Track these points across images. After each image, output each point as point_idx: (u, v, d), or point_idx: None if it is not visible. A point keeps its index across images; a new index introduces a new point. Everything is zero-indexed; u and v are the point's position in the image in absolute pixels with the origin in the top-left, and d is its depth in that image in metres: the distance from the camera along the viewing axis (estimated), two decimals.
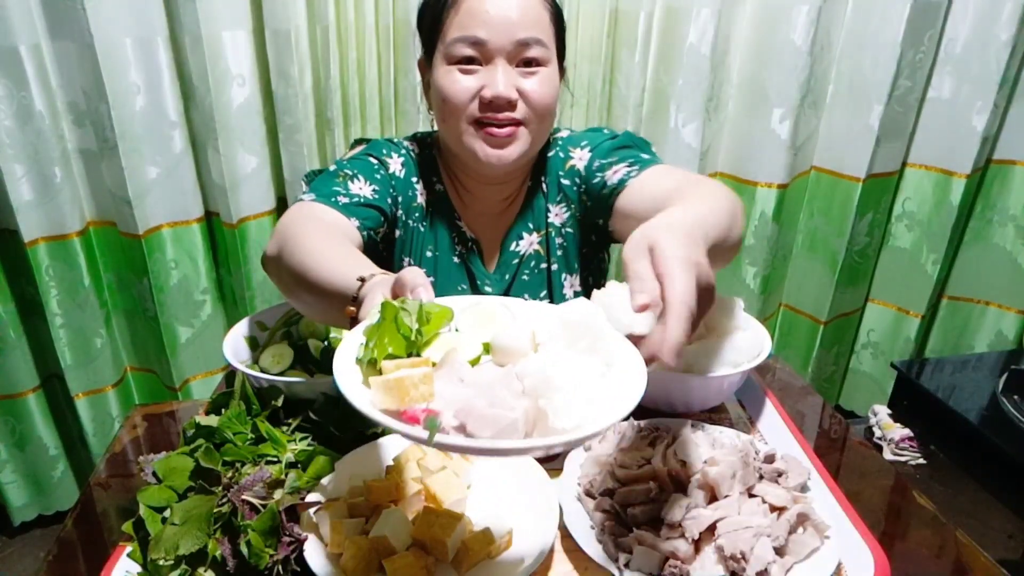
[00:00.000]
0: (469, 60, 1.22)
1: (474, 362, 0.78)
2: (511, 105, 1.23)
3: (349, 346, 0.78)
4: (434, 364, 0.76)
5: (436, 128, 1.38)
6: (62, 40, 1.92)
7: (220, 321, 2.41)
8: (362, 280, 0.91)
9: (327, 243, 1.07)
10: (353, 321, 0.89)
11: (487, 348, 0.79)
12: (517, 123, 1.25)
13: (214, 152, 2.10)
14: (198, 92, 2.04)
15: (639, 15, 2.14)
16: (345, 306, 0.91)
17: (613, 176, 1.31)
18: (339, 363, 0.75)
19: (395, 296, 0.82)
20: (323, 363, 1.23)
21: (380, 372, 0.73)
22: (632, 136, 1.40)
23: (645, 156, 1.34)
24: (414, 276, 0.80)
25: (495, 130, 1.24)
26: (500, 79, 1.21)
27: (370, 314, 0.78)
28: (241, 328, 1.28)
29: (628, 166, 1.31)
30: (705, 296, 0.79)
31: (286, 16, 1.97)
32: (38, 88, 1.91)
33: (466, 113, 1.24)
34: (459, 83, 1.23)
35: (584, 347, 0.77)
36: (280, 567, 0.84)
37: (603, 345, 0.77)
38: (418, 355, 0.77)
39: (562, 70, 1.32)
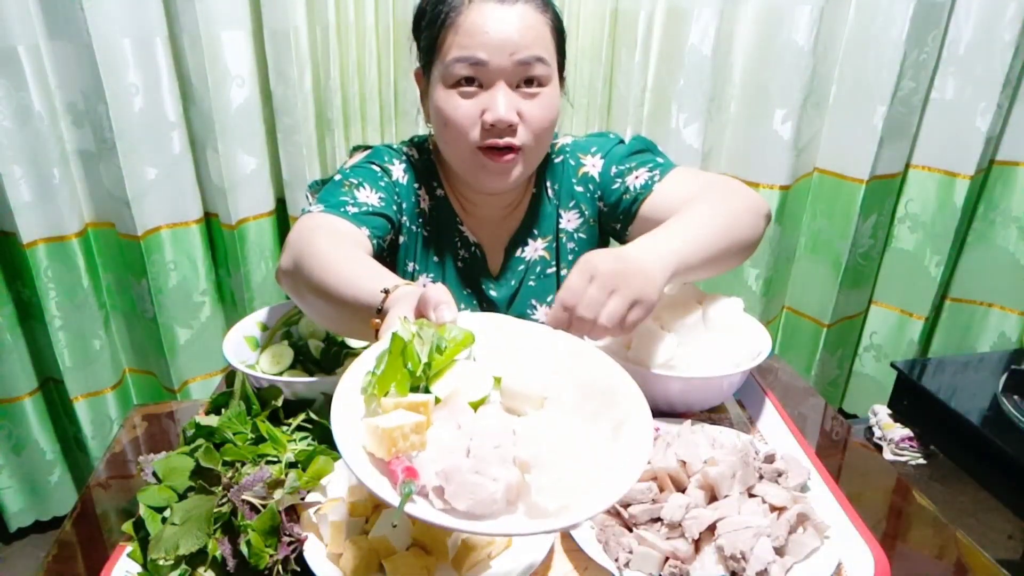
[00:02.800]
0: (469, 81, 1.20)
1: (480, 403, 0.77)
2: (511, 129, 1.21)
3: (355, 374, 0.77)
4: (438, 400, 0.76)
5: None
6: (61, 40, 1.92)
7: (219, 322, 2.40)
8: (386, 292, 0.91)
9: (344, 254, 1.07)
10: (379, 334, 0.89)
11: (499, 382, 0.79)
12: (516, 148, 1.23)
13: (213, 153, 2.10)
14: (197, 93, 2.04)
15: (640, 15, 2.14)
16: (368, 318, 0.91)
17: (635, 181, 1.32)
18: (340, 392, 0.75)
19: (418, 315, 0.82)
20: (323, 363, 1.24)
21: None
22: (644, 139, 1.41)
23: (660, 160, 1.36)
24: (438, 294, 0.81)
25: (496, 155, 1.23)
26: (501, 103, 1.19)
27: (384, 336, 0.77)
28: (241, 328, 1.27)
29: (649, 171, 1.32)
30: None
31: (285, 16, 1.97)
32: (36, 89, 1.90)
33: (468, 139, 1.22)
34: (460, 108, 1.21)
35: (591, 411, 0.76)
36: (280, 567, 0.84)
37: (615, 407, 0.77)
38: (426, 389, 0.77)
39: (562, 79, 1.30)
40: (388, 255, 1.38)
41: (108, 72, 1.91)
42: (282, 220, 2.33)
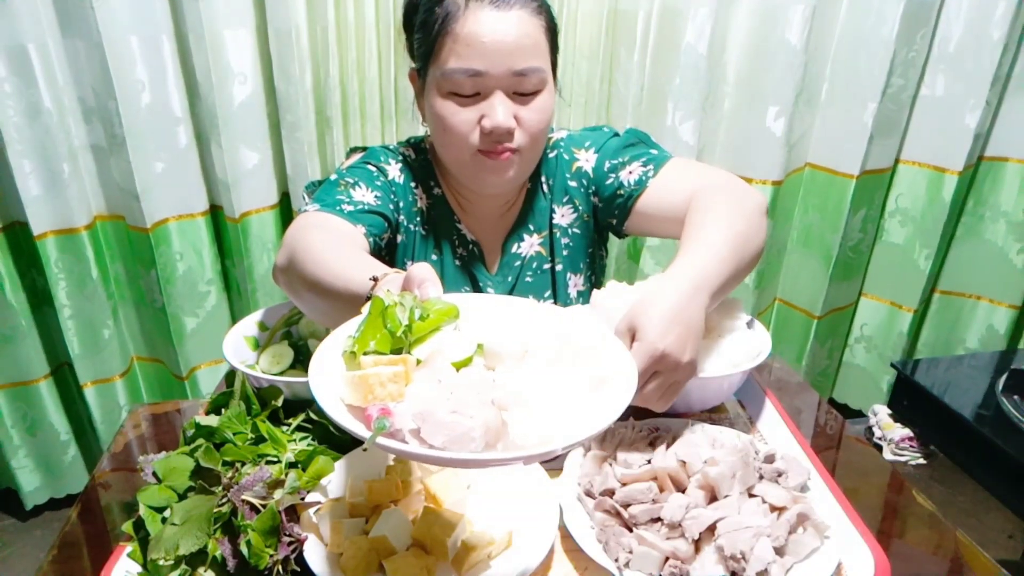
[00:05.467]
0: (466, 89, 1.20)
1: (464, 364, 0.77)
2: (509, 134, 1.21)
3: (337, 338, 0.78)
4: (419, 362, 0.76)
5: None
6: (71, 38, 1.94)
7: (224, 311, 2.43)
8: (375, 279, 0.91)
9: (337, 248, 1.07)
10: None
11: (482, 349, 0.79)
12: (514, 150, 1.24)
13: (217, 147, 2.11)
14: (202, 89, 2.05)
15: (637, 14, 2.15)
16: (359, 307, 0.91)
17: (629, 176, 1.32)
18: (320, 353, 0.76)
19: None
20: None
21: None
22: (636, 132, 1.41)
23: (654, 152, 1.35)
24: (422, 271, 0.81)
25: (493, 156, 1.23)
26: (499, 110, 1.19)
27: (365, 309, 0.78)
28: (241, 328, 1.28)
29: (643, 165, 1.32)
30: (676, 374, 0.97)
31: (287, 15, 1.98)
32: (46, 86, 1.92)
33: (467, 144, 1.23)
34: (458, 115, 1.21)
35: (573, 360, 0.77)
36: (280, 567, 0.84)
37: (597, 358, 0.78)
38: (408, 351, 0.77)
39: (555, 73, 1.30)
40: (387, 254, 1.38)
41: (117, 69, 1.93)
42: (285, 214, 2.34)
